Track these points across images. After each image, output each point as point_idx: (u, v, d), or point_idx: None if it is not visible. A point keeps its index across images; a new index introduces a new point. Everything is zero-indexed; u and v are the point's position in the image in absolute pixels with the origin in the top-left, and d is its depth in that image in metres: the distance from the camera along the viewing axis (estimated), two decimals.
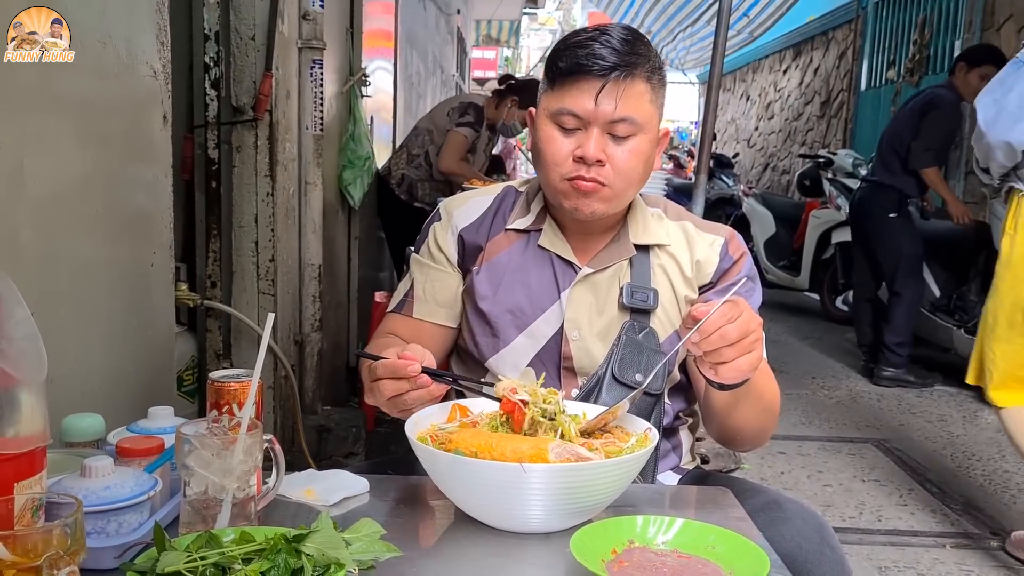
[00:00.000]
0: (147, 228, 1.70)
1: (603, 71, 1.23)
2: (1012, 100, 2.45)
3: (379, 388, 1.09)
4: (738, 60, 11.63)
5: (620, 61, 1.23)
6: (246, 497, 0.96)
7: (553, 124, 1.28)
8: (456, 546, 0.99)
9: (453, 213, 1.42)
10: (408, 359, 1.07)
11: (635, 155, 1.26)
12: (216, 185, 2.54)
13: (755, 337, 1.04)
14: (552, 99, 1.28)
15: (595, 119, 1.24)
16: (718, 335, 1.01)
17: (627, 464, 0.99)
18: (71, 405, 1.24)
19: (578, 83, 1.24)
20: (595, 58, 1.23)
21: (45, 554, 0.73)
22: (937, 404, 4.42)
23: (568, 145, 1.26)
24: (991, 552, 2.68)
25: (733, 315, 1.02)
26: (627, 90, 1.24)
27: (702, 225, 1.41)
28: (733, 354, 1.03)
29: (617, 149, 1.26)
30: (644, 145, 1.27)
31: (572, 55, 1.25)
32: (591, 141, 1.24)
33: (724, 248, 1.37)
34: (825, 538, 1.17)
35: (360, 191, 3.62)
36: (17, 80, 1.27)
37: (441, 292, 1.39)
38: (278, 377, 2.71)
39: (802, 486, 3.22)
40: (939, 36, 6.97)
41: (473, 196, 1.45)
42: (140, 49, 1.62)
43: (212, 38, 2.49)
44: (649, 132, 1.28)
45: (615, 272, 1.35)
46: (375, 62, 4.17)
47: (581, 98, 1.24)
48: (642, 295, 1.32)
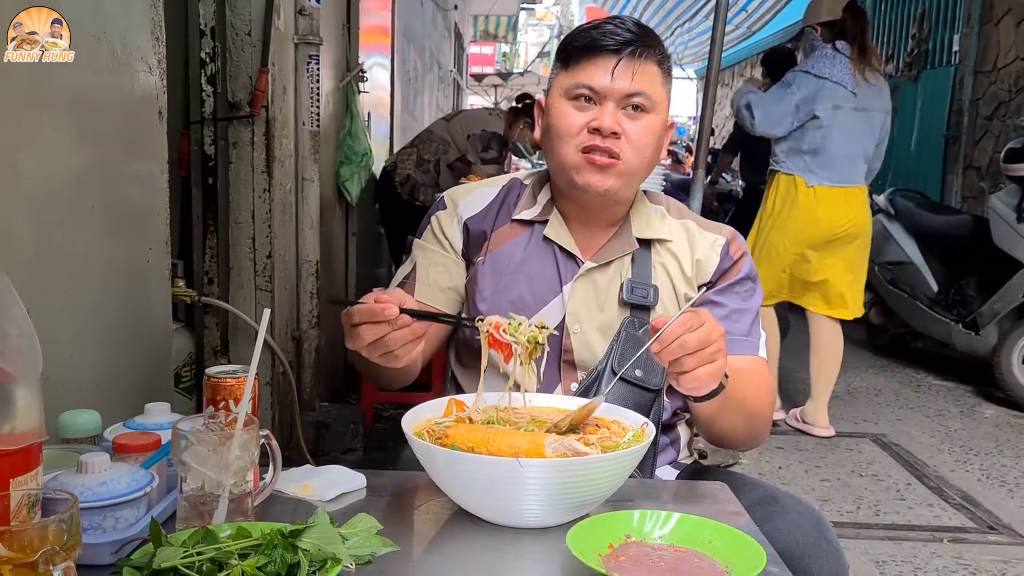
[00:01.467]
0: (143, 224, 1.70)
1: (618, 46, 1.26)
2: (776, 111, 3.57)
3: (359, 333, 1.08)
4: (736, 55, 11.62)
5: (635, 38, 1.27)
6: (243, 493, 0.96)
7: (567, 100, 1.29)
8: (453, 541, 0.99)
9: (459, 203, 1.42)
10: (385, 302, 1.07)
11: (649, 132, 1.29)
12: (213, 181, 2.54)
13: (716, 348, 1.06)
14: (566, 77, 1.30)
15: (611, 93, 1.26)
16: (677, 344, 1.03)
17: (624, 459, 1.00)
18: (68, 401, 1.24)
19: (594, 59, 1.27)
20: (611, 35, 1.27)
21: (41, 550, 0.73)
22: (935, 399, 4.42)
23: (583, 118, 1.28)
24: (989, 546, 2.69)
25: (693, 324, 1.04)
26: (641, 67, 1.27)
27: (704, 224, 1.41)
28: (693, 363, 1.04)
29: (632, 124, 1.28)
30: (656, 124, 1.30)
31: (587, 35, 1.29)
32: (607, 113, 1.26)
33: (725, 248, 1.38)
34: (822, 532, 1.17)
35: (357, 187, 3.61)
36: (11, 77, 1.26)
37: (443, 277, 1.39)
38: (276, 373, 2.71)
39: (800, 481, 3.22)
40: (938, 30, 6.96)
41: (478, 187, 1.46)
42: (135, 45, 1.61)
43: (208, 34, 2.48)
44: (661, 113, 1.30)
45: (617, 267, 1.36)
46: (372, 58, 4.17)
47: (596, 73, 1.27)
48: (642, 291, 1.33)
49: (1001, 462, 3.47)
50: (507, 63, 19.09)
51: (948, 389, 4.60)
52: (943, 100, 6.64)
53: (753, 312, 1.36)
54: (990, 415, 4.15)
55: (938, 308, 4.65)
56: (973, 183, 6.23)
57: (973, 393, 4.51)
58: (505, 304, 1.34)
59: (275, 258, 2.61)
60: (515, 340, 1.11)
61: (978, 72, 6.27)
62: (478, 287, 1.37)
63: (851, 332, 5.66)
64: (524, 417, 1.13)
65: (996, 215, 4.32)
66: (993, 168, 5.83)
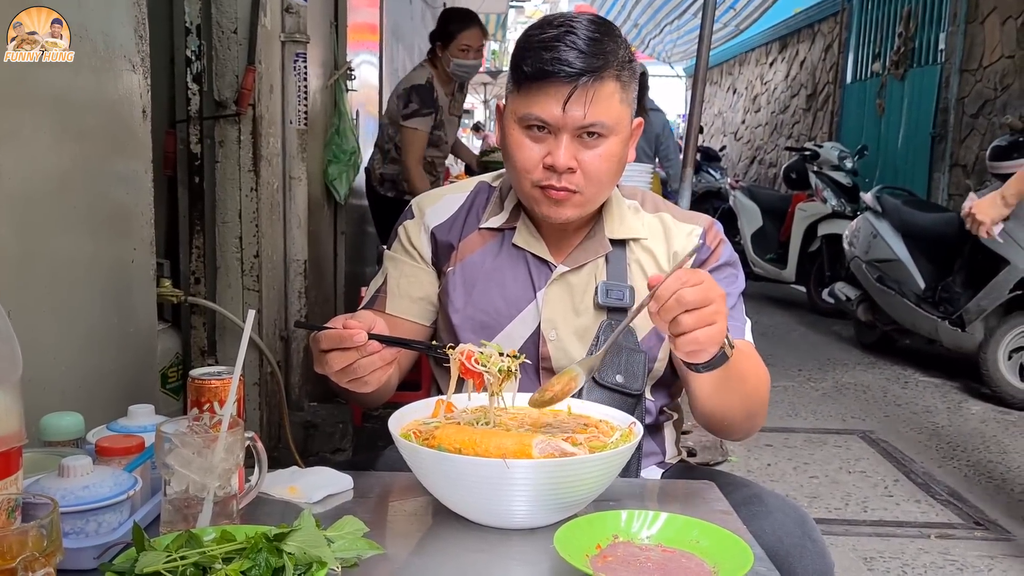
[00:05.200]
0: (127, 224, 1.68)
1: (570, 77, 1.18)
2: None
3: (327, 360, 1.06)
4: (725, 53, 11.65)
5: (587, 65, 1.18)
6: (228, 495, 0.95)
7: (521, 129, 1.24)
8: (440, 542, 0.99)
9: (426, 211, 1.40)
10: (353, 327, 1.05)
11: (606, 159, 1.23)
12: (199, 180, 2.52)
13: (715, 309, 1.01)
14: (519, 103, 1.24)
15: (564, 126, 1.21)
16: (674, 299, 0.98)
17: (611, 459, 0.99)
18: (50, 404, 1.22)
19: (545, 88, 1.20)
20: (561, 63, 1.18)
21: (21, 556, 0.72)
22: (922, 395, 4.45)
23: (538, 151, 1.23)
24: (975, 542, 2.71)
25: (691, 280, 0.99)
26: (596, 94, 1.19)
27: (680, 215, 1.38)
28: (691, 322, 0.99)
29: (588, 154, 1.23)
30: (615, 147, 1.24)
31: (537, 58, 1.20)
32: (560, 149, 1.21)
33: (702, 237, 1.35)
34: (807, 531, 1.17)
35: (346, 186, 3.60)
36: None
37: (415, 288, 1.37)
38: (264, 373, 2.69)
39: (788, 478, 3.23)
40: (924, 29, 7.00)
41: (446, 192, 1.43)
42: (118, 43, 1.60)
43: (193, 31, 2.46)
44: (620, 132, 1.25)
45: (591, 270, 1.33)
46: (360, 55, 4.14)
47: (548, 104, 1.20)
48: (618, 293, 1.30)
49: (987, 458, 3.49)
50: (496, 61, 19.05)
51: (935, 386, 4.63)
52: (929, 98, 6.68)
53: (735, 296, 1.33)
54: (976, 411, 4.17)
55: (925, 305, 4.68)
56: (959, 181, 6.26)
57: (960, 389, 4.54)
58: (478, 315, 1.32)
59: (262, 257, 2.59)
60: (486, 371, 1.10)
61: (964, 70, 6.31)
62: (450, 298, 1.34)
63: (840, 329, 5.71)
64: (516, 419, 1.13)
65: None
66: (979, 166, 5.87)
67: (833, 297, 5.57)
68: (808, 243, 6.46)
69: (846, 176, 6.35)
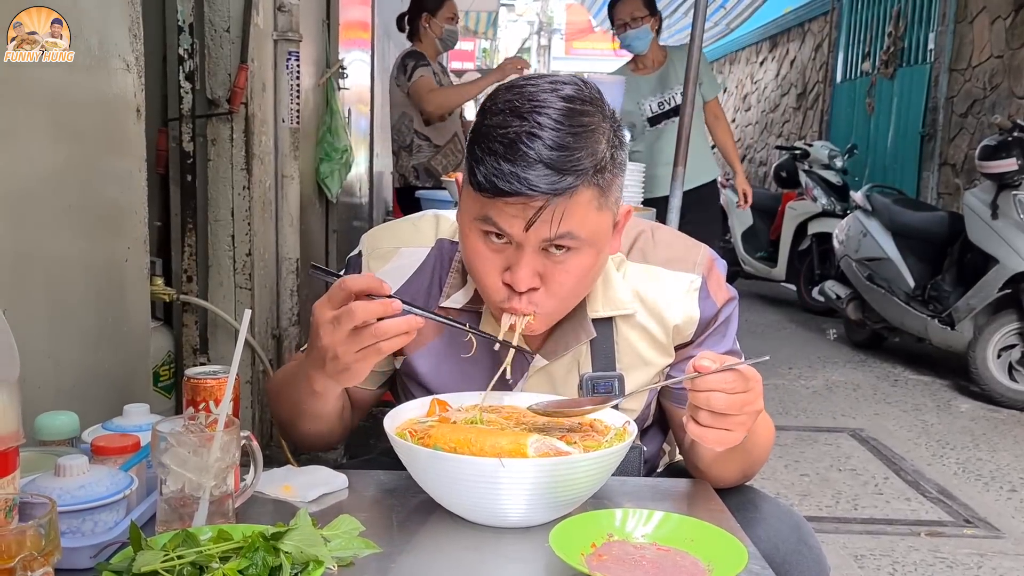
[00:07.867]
0: (120, 223, 1.68)
1: (537, 193, 0.98)
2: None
3: (349, 312, 0.95)
4: (715, 52, 11.67)
5: (554, 186, 0.98)
6: (223, 495, 0.95)
7: (479, 233, 1.05)
8: (435, 541, 0.99)
9: (376, 271, 1.21)
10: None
11: (574, 275, 1.05)
12: (191, 179, 2.51)
13: (741, 421, 0.95)
14: (475, 202, 1.03)
15: (527, 241, 1.02)
16: (704, 396, 0.94)
17: (606, 458, 1.00)
18: (45, 403, 1.22)
19: (506, 200, 1.00)
20: (521, 183, 0.97)
21: (19, 555, 0.72)
22: (912, 393, 4.47)
23: (497, 264, 1.05)
24: (965, 539, 2.73)
25: (731, 388, 0.93)
26: (568, 209, 1.00)
27: (673, 261, 1.19)
28: (708, 421, 0.95)
29: (554, 268, 1.04)
30: (587, 260, 1.05)
31: (495, 169, 0.98)
32: (521, 267, 1.03)
33: (702, 291, 1.19)
34: (802, 537, 1.15)
35: (337, 184, 3.59)
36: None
37: None
38: (256, 372, 2.69)
39: (779, 476, 3.25)
40: (913, 29, 7.03)
41: (401, 247, 1.22)
42: (112, 42, 1.59)
43: (186, 30, 2.46)
44: (597, 243, 1.05)
45: (574, 356, 1.18)
46: (352, 54, 4.13)
47: (508, 220, 1.01)
48: (605, 385, 1.16)
49: (977, 456, 3.51)
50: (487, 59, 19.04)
51: (925, 384, 4.66)
52: (919, 98, 6.71)
53: (732, 339, 1.23)
54: (966, 409, 4.20)
55: (915, 303, 4.71)
56: (949, 180, 6.30)
57: (949, 387, 4.57)
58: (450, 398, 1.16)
59: (255, 256, 2.59)
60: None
61: (953, 70, 6.34)
62: (408, 386, 1.23)
63: (826, 325, 5.73)
64: (510, 418, 1.13)
65: (971, 211, 4.37)
66: (968, 165, 5.90)
67: (823, 295, 5.60)
68: (798, 242, 6.49)
69: (836, 175, 6.38)
